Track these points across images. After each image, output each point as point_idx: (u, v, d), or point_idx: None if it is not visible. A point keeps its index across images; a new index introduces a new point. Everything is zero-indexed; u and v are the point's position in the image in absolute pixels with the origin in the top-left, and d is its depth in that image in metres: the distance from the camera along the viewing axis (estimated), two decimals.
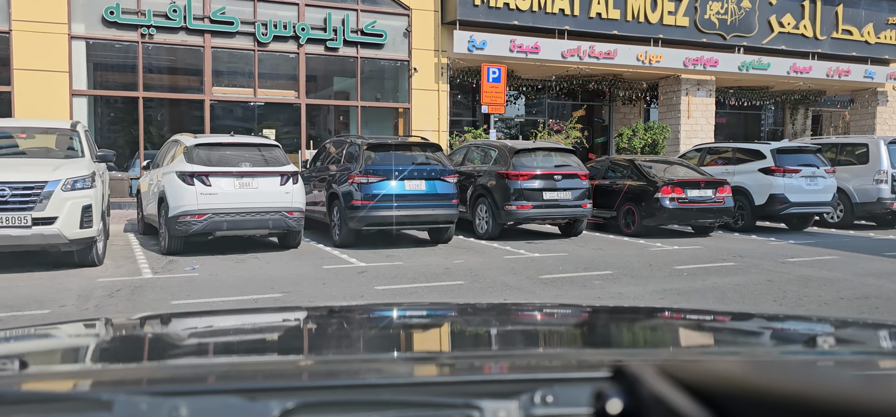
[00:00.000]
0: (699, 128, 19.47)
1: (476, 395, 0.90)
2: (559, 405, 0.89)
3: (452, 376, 1.09)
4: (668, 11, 18.20)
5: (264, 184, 9.33)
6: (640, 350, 1.47)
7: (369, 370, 1.13)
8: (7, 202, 7.54)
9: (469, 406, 0.88)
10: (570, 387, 0.93)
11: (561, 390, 0.92)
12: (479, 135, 16.53)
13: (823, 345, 1.47)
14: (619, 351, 1.42)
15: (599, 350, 1.47)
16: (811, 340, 1.52)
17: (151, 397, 0.89)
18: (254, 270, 8.34)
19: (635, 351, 1.43)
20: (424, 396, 0.93)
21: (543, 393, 0.90)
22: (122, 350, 1.50)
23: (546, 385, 0.93)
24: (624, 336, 1.66)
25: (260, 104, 16.37)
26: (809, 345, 1.47)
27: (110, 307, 6.41)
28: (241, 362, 1.31)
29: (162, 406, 0.84)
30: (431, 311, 1.99)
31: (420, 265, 8.80)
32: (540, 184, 11.13)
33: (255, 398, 0.88)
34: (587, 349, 1.51)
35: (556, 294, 7.17)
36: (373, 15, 16.11)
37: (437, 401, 0.91)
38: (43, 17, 13.54)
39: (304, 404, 0.86)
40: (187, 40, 14.75)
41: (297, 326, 1.73)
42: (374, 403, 0.91)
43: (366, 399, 0.93)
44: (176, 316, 1.82)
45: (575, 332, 1.74)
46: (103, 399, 0.91)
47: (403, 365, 1.18)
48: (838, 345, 1.50)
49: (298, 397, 0.88)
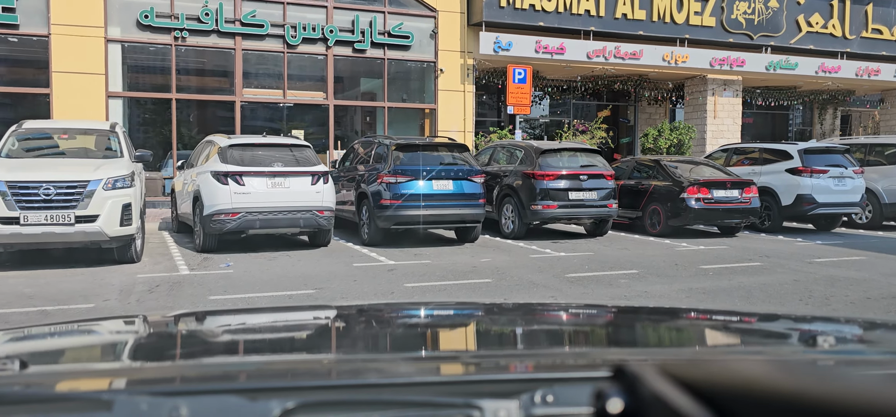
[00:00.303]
0: (725, 129, 19.40)
1: (476, 395, 0.89)
2: (560, 404, 0.88)
3: (453, 375, 1.08)
4: (694, 11, 18.17)
5: (296, 184, 9.56)
6: (641, 349, 1.46)
7: (370, 369, 1.13)
8: (52, 200, 7.85)
9: (469, 405, 0.87)
10: (571, 387, 0.93)
11: (561, 389, 0.91)
12: (505, 136, 16.66)
13: (825, 345, 1.46)
14: (620, 351, 1.41)
15: (600, 349, 1.47)
16: (814, 340, 1.51)
17: (152, 397, 0.89)
18: (286, 267, 8.56)
19: (636, 351, 1.41)
20: (425, 396, 0.93)
21: (544, 393, 0.89)
22: (123, 350, 1.49)
23: (546, 384, 0.93)
24: (625, 335, 1.66)
25: (289, 105, 16.66)
26: (812, 345, 1.46)
27: (151, 301, 6.66)
28: (242, 362, 1.32)
29: (162, 406, 0.84)
30: (432, 311, 1.99)
31: (448, 263, 8.96)
32: (566, 184, 11.24)
33: (256, 397, 0.89)
34: (588, 348, 1.50)
35: (583, 292, 7.29)
36: (400, 17, 16.32)
37: (437, 401, 0.91)
38: (80, 20, 13.94)
39: (304, 404, 0.86)
40: (219, 43, 15.08)
41: (298, 326, 1.73)
42: (375, 403, 0.91)
43: (366, 398, 0.93)
44: (177, 316, 1.85)
45: (575, 332, 1.73)
46: (104, 399, 0.91)
47: (404, 365, 1.17)
48: (841, 345, 1.49)
49: (299, 397, 0.87)
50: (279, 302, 6.73)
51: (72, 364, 1.35)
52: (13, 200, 7.74)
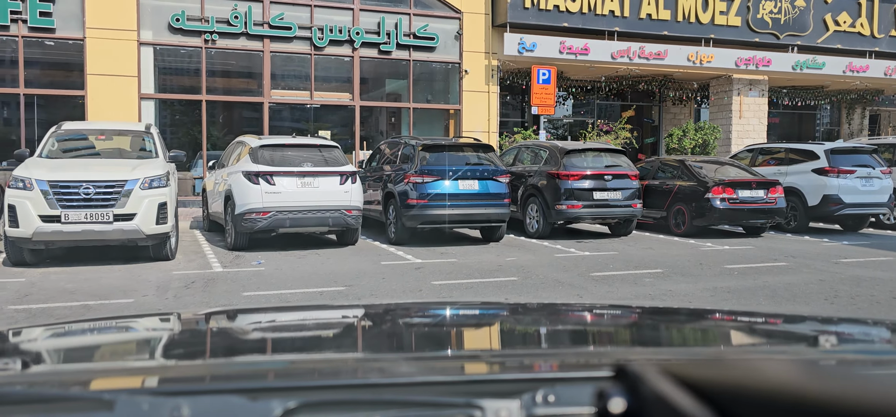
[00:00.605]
0: (751, 129, 19.30)
1: (478, 394, 0.90)
2: (561, 404, 0.88)
3: (454, 375, 1.08)
4: (719, 11, 18.11)
5: (325, 184, 9.76)
6: (643, 349, 1.46)
7: (371, 369, 1.13)
8: (91, 199, 8.12)
9: (471, 405, 0.87)
10: (573, 387, 0.93)
11: (563, 389, 0.91)
12: (529, 136, 16.75)
13: (827, 344, 1.45)
14: (622, 351, 1.41)
15: (602, 349, 1.47)
16: (817, 339, 1.50)
17: (153, 397, 0.90)
18: (316, 265, 8.76)
19: (638, 351, 1.41)
20: (426, 395, 0.93)
21: (545, 393, 0.89)
22: (124, 350, 1.50)
23: (548, 384, 0.93)
24: (627, 335, 1.66)
25: (315, 106, 16.90)
26: (814, 344, 1.46)
27: (187, 297, 6.88)
28: (244, 361, 1.32)
29: (164, 406, 0.84)
30: (434, 311, 1.98)
31: (473, 262, 9.10)
32: (590, 184, 11.33)
33: (257, 397, 0.89)
34: (589, 348, 1.50)
35: (608, 290, 7.38)
36: (425, 19, 16.49)
37: (438, 401, 0.91)
38: (114, 24, 14.29)
39: (305, 403, 0.86)
40: (248, 45, 15.35)
41: (299, 326, 1.73)
42: (376, 402, 0.91)
43: (367, 398, 0.93)
44: (179, 316, 1.87)
45: (577, 331, 1.73)
46: (105, 398, 0.91)
47: (405, 365, 1.17)
48: (845, 345, 1.47)
49: (300, 396, 0.88)
50: (311, 298, 6.92)
51: (74, 364, 1.35)
52: (55, 199, 8.02)
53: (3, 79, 14.54)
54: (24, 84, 14.12)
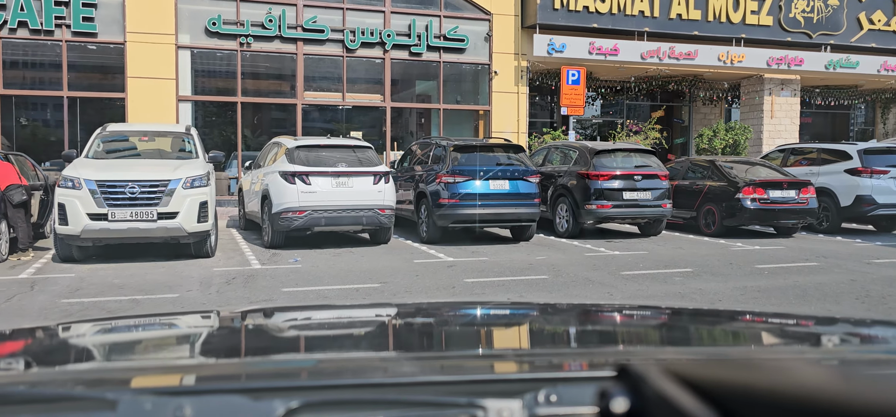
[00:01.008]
0: (783, 129, 19.17)
1: (480, 394, 0.90)
2: (563, 404, 0.88)
3: (456, 375, 1.08)
4: (750, 11, 18.03)
5: (359, 183, 9.99)
6: (646, 349, 1.46)
7: (373, 369, 1.13)
8: (136, 198, 8.44)
9: (473, 405, 0.87)
10: (575, 386, 0.92)
11: (565, 389, 0.91)
12: (558, 137, 16.85)
13: (831, 345, 1.45)
14: (625, 350, 1.41)
15: (604, 349, 1.47)
16: (823, 340, 1.50)
17: (156, 396, 0.89)
18: (350, 263, 8.99)
19: (640, 351, 1.41)
20: (428, 395, 0.93)
21: (548, 392, 0.89)
22: (127, 350, 1.51)
23: (550, 384, 0.92)
24: (629, 335, 1.66)
25: (347, 107, 17.19)
26: (818, 346, 1.46)
27: (229, 293, 7.15)
28: (246, 361, 1.32)
29: (166, 406, 0.85)
30: (437, 311, 2.00)
31: (504, 260, 9.26)
32: (620, 184, 11.42)
33: (259, 397, 0.89)
34: (592, 348, 1.50)
35: (638, 289, 7.49)
36: (455, 20, 16.68)
37: (441, 401, 0.91)
38: (153, 28, 14.70)
39: (308, 403, 0.87)
40: (281, 48, 15.69)
41: (302, 325, 1.73)
42: (378, 402, 0.91)
43: (370, 398, 0.93)
44: (182, 316, 1.86)
45: (580, 331, 1.72)
46: (108, 398, 0.91)
47: (407, 364, 1.17)
48: (849, 345, 1.47)
49: (302, 396, 0.88)
50: (347, 294, 7.13)
51: (77, 364, 1.35)
52: (102, 198, 8.36)
53: (48, 82, 15.06)
54: (68, 87, 14.59)
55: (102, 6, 14.42)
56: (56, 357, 1.41)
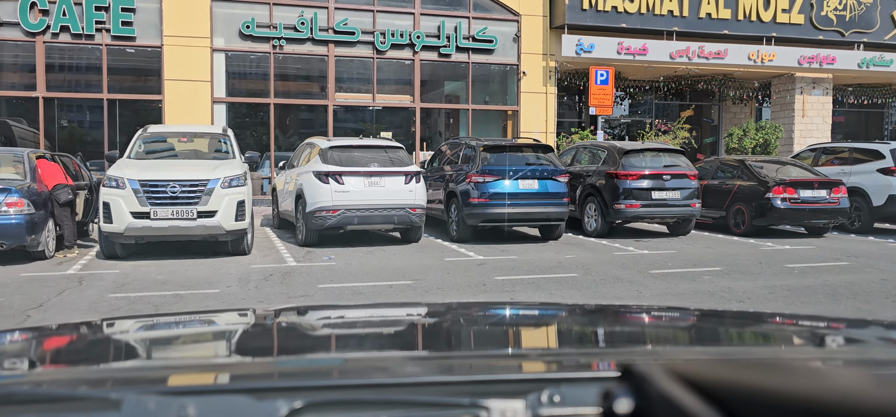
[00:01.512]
0: (814, 128, 19.00)
1: (483, 395, 0.90)
2: (567, 404, 0.88)
3: (459, 375, 1.08)
4: (781, 9, 17.91)
5: (390, 183, 10.20)
6: (649, 349, 1.46)
7: (376, 369, 1.13)
8: (177, 197, 8.74)
9: (476, 405, 0.88)
10: (578, 387, 0.93)
11: (568, 389, 0.91)
12: (587, 137, 16.92)
13: (833, 346, 1.44)
14: (628, 351, 1.41)
15: (608, 349, 1.48)
16: (827, 341, 1.49)
17: (160, 396, 0.90)
18: (383, 261, 9.20)
19: (644, 351, 1.41)
20: (431, 395, 0.94)
21: (551, 393, 0.89)
22: (132, 350, 1.51)
23: (553, 384, 0.93)
24: (633, 335, 1.65)
25: (377, 108, 17.44)
26: (823, 346, 1.45)
27: (268, 288, 7.39)
28: (249, 361, 1.33)
29: (170, 406, 0.85)
30: (440, 311, 2.00)
31: (534, 259, 9.39)
32: (648, 184, 11.48)
33: (263, 397, 0.89)
34: (595, 348, 1.50)
35: (666, 287, 7.58)
36: (484, 22, 16.83)
37: (443, 401, 0.91)
38: (189, 32, 15.07)
39: (311, 403, 0.87)
40: (313, 50, 15.97)
41: (304, 326, 1.73)
42: (381, 402, 0.91)
43: (373, 398, 0.93)
44: (185, 315, 1.88)
45: (583, 331, 1.73)
46: (112, 398, 0.92)
47: (411, 365, 1.17)
48: (855, 346, 1.47)
49: (306, 396, 0.88)
50: (381, 291, 7.33)
51: (80, 364, 1.36)
52: (145, 197, 8.67)
53: (89, 84, 15.52)
54: (107, 89, 15.02)
55: (140, 11, 14.83)
56: (60, 356, 1.42)
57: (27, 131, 15.07)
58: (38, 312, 6.26)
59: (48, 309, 6.35)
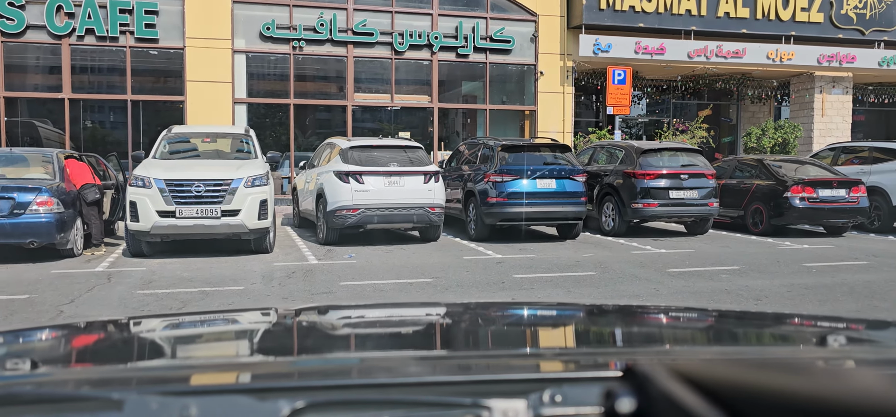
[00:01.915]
0: (834, 127, 18.90)
1: (485, 394, 0.90)
2: (569, 404, 0.88)
3: (461, 375, 1.09)
4: (801, 7, 17.84)
5: (410, 182, 10.33)
6: (651, 349, 1.46)
7: (378, 369, 1.14)
8: (202, 197, 8.93)
9: (478, 405, 0.88)
10: (580, 386, 0.93)
11: (570, 389, 0.91)
12: (604, 136, 16.96)
13: (840, 345, 1.44)
14: (630, 350, 1.41)
15: (610, 349, 1.48)
16: (832, 341, 1.49)
17: (162, 396, 0.90)
18: (403, 259, 9.33)
19: (646, 351, 1.41)
20: (433, 395, 0.94)
21: (553, 392, 0.89)
22: (134, 350, 1.51)
23: (555, 384, 0.93)
24: (635, 335, 1.65)
25: (396, 108, 17.59)
26: (826, 345, 1.44)
27: (291, 285, 7.54)
28: (252, 362, 1.34)
29: (172, 406, 0.85)
30: (441, 310, 1.97)
31: (551, 257, 9.48)
32: (666, 183, 11.52)
33: (265, 397, 0.89)
34: (597, 348, 1.50)
35: (684, 285, 7.65)
36: (501, 22, 16.93)
37: (446, 401, 0.91)
38: (211, 34, 15.31)
39: (313, 403, 0.87)
40: (332, 51, 16.16)
41: (307, 326, 1.73)
42: (383, 402, 0.91)
43: (375, 398, 0.93)
44: (187, 316, 1.91)
45: (585, 331, 1.73)
46: (114, 398, 0.92)
47: (413, 364, 1.17)
48: (856, 346, 1.46)
49: (308, 396, 0.89)
50: (402, 288, 7.46)
51: (83, 364, 1.37)
52: (170, 196, 8.86)
53: (113, 86, 15.82)
54: (131, 90, 15.30)
55: (163, 13, 15.08)
56: (63, 356, 1.43)
57: (52, 131, 15.40)
58: (71, 307, 6.45)
59: (80, 305, 6.54)
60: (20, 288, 7.29)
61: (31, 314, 6.20)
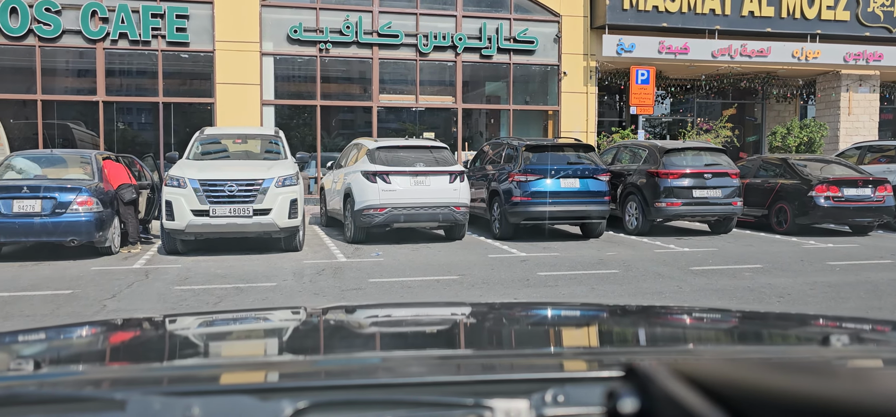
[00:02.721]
0: (861, 126, 18.76)
1: (487, 394, 0.90)
2: (571, 404, 0.88)
3: (464, 375, 1.08)
4: (826, 5, 17.74)
5: (435, 182, 10.52)
6: (654, 349, 1.46)
7: (381, 369, 1.14)
8: (235, 196, 9.20)
9: (480, 405, 0.88)
10: (583, 387, 0.93)
11: (573, 389, 0.91)
12: (627, 136, 17.02)
13: (839, 344, 1.44)
14: (632, 351, 1.41)
15: (612, 349, 1.48)
16: (836, 341, 1.48)
17: (165, 397, 0.91)
18: (429, 257, 9.53)
19: (648, 351, 1.42)
20: (436, 395, 0.94)
21: (555, 393, 0.89)
22: (137, 350, 1.52)
23: (558, 384, 0.93)
24: (638, 335, 1.65)
25: (420, 109, 17.80)
26: (829, 345, 1.43)
27: (322, 282, 7.77)
28: (254, 362, 1.34)
29: (175, 406, 0.86)
30: (444, 310, 1.97)
31: (575, 256, 9.62)
32: (690, 183, 11.60)
33: (268, 397, 0.90)
34: (600, 348, 1.51)
35: (706, 283, 7.75)
36: (524, 23, 17.07)
37: (448, 401, 0.91)
38: (240, 37, 15.64)
39: (316, 403, 0.88)
40: (358, 53, 16.41)
41: (310, 326, 1.74)
42: (386, 402, 0.92)
43: (377, 398, 0.94)
44: (190, 316, 1.90)
45: (587, 331, 1.73)
46: (117, 398, 0.92)
47: (415, 365, 1.18)
48: (862, 346, 1.46)
49: (310, 396, 0.89)
50: (429, 286, 7.65)
51: (86, 365, 1.37)
52: (204, 195, 9.15)
53: (146, 88, 16.22)
54: (163, 93, 15.68)
55: (194, 17, 15.43)
56: (67, 356, 1.43)
57: (86, 133, 15.85)
58: (112, 302, 6.74)
59: (121, 300, 6.83)
60: (63, 283, 7.61)
61: (76, 308, 6.49)
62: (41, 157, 10.18)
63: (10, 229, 8.83)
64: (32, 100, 15.27)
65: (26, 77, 15.30)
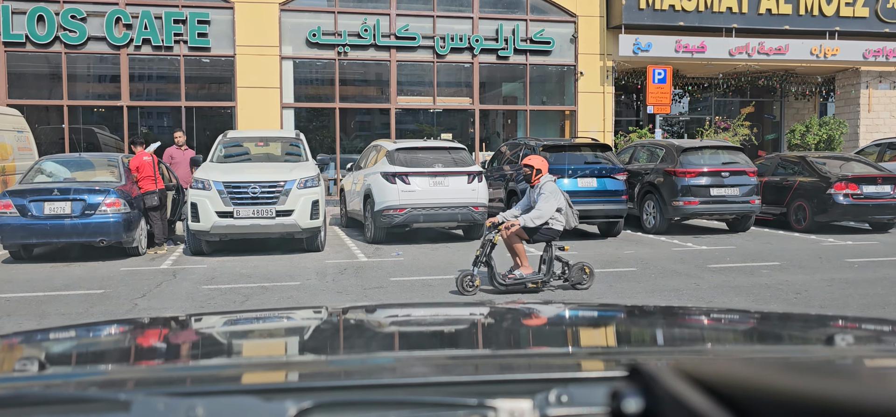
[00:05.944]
0: (881, 123, 18.65)
1: (491, 395, 0.90)
2: (575, 404, 0.88)
3: (467, 375, 1.09)
4: (845, 2, 17.67)
5: (454, 183, 10.66)
6: (657, 349, 1.46)
7: (384, 370, 1.15)
8: (258, 198, 9.40)
9: (484, 405, 0.88)
10: (586, 387, 0.93)
11: (576, 389, 0.91)
12: (644, 135, 17.06)
13: (844, 344, 1.43)
14: (636, 351, 1.41)
15: (616, 349, 1.48)
16: (836, 339, 1.48)
17: (169, 397, 0.91)
18: (448, 256, 9.66)
19: (652, 351, 1.42)
20: (439, 396, 0.94)
21: (559, 393, 0.89)
22: (141, 351, 1.53)
23: (561, 384, 0.93)
24: (641, 335, 1.66)
25: (437, 110, 17.96)
26: (832, 344, 1.43)
27: (344, 280, 7.94)
28: (258, 362, 1.35)
29: (179, 407, 0.86)
30: (447, 311, 1.98)
31: (593, 254, 9.71)
32: (707, 181, 11.64)
33: (271, 398, 0.90)
34: (604, 348, 1.51)
35: (724, 280, 7.82)
36: (541, 24, 17.17)
37: (451, 401, 0.91)
38: (260, 41, 15.88)
39: (320, 404, 0.88)
40: (376, 56, 16.60)
41: (314, 327, 1.74)
42: (389, 403, 0.92)
43: (381, 398, 0.94)
44: (192, 317, 1.86)
45: (591, 331, 1.74)
46: (121, 399, 0.93)
47: (418, 365, 1.18)
48: (867, 345, 1.46)
49: (314, 397, 0.89)
50: (449, 284, 7.78)
51: (89, 365, 1.38)
52: (228, 197, 9.36)
53: (168, 93, 16.52)
54: (185, 97, 15.96)
55: (215, 23, 15.70)
56: (72, 357, 1.44)
57: (110, 138, 16.17)
58: (143, 301, 6.95)
59: (151, 299, 7.03)
60: (95, 283, 7.84)
61: (109, 307, 6.70)
62: (69, 161, 10.44)
63: (41, 230, 9.09)
64: (58, 106, 15.62)
65: (53, 83, 15.66)
